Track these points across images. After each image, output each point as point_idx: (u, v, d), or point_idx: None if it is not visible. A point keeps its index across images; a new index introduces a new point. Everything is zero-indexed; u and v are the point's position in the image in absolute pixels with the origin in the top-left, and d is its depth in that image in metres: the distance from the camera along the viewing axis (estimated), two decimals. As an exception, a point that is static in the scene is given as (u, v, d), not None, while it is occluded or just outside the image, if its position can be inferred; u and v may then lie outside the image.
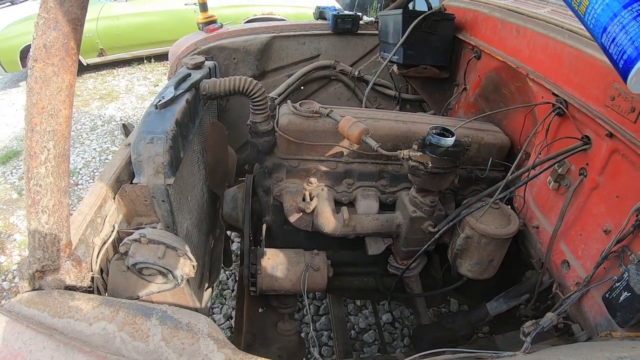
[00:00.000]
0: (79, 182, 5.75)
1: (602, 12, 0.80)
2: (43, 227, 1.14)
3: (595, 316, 1.70)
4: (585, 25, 0.88)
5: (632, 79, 0.80)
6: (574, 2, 0.88)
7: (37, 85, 1.06)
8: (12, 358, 0.92)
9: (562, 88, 1.91)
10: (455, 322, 2.32)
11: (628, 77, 0.80)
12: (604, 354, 1.19)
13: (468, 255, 2.09)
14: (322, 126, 2.21)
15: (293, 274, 2.27)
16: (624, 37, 0.78)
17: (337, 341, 2.86)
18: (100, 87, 9.06)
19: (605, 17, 0.80)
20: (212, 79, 2.21)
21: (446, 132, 1.85)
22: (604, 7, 0.79)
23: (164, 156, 1.69)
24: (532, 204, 2.19)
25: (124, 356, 0.95)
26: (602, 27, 0.82)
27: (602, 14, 0.81)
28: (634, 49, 0.77)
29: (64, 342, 0.92)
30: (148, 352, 0.97)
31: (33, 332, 0.95)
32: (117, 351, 0.95)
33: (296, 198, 2.25)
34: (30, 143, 1.10)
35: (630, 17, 0.77)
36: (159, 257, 1.52)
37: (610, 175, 1.72)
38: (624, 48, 0.78)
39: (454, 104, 3.09)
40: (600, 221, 1.75)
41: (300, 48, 3.45)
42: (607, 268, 1.65)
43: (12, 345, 0.94)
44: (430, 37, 2.88)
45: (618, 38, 0.79)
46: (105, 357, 0.89)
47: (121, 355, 0.95)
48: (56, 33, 1.04)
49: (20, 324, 0.98)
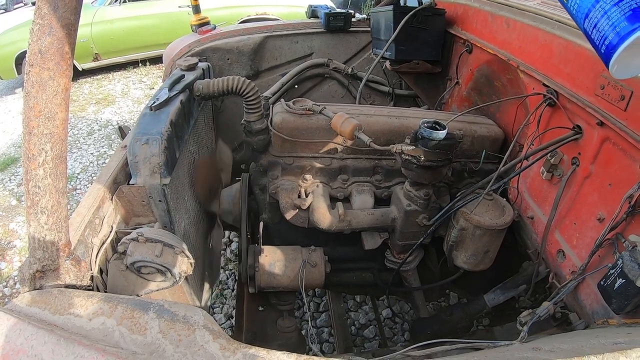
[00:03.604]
0: (77, 187, 5.76)
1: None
2: (42, 228, 1.16)
3: (591, 304, 1.71)
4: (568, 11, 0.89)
5: (614, 65, 0.81)
6: None
7: (33, 89, 1.08)
8: (14, 354, 0.94)
9: (553, 79, 1.92)
10: (454, 314, 2.34)
11: (610, 62, 0.81)
12: (599, 340, 1.21)
13: (463, 247, 2.11)
14: (316, 123, 2.23)
15: (291, 271, 2.28)
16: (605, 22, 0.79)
17: (337, 337, 2.87)
18: (96, 92, 9.06)
19: (587, 3, 0.81)
20: (206, 80, 2.22)
21: (438, 125, 1.87)
22: None
23: (159, 156, 1.71)
24: (526, 195, 2.20)
25: (123, 348, 0.97)
26: (585, 13, 0.82)
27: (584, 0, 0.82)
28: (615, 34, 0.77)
29: (64, 337, 0.94)
30: (146, 344, 0.99)
31: (34, 328, 0.97)
32: (116, 344, 0.98)
33: (292, 195, 2.26)
34: (28, 146, 1.12)
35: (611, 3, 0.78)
36: (156, 255, 1.54)
37: (602, 163, 1.73)
38: (606, 34, 0.79)
39: (447, 98, 3.11)
40: (593, 209, 1.76)
41: (293, 47, 3.46)
42: (601, 256, 1.66)
43: (14, 342, 0.96)
44: (421, 33, 2.89)
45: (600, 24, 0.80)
46: (105, 350, 0.91)
47: (120, 347, 0.97)
48: (51, 38, 1.06)
49: (21, 321, 1.00)
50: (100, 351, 0.90)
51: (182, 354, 0.97)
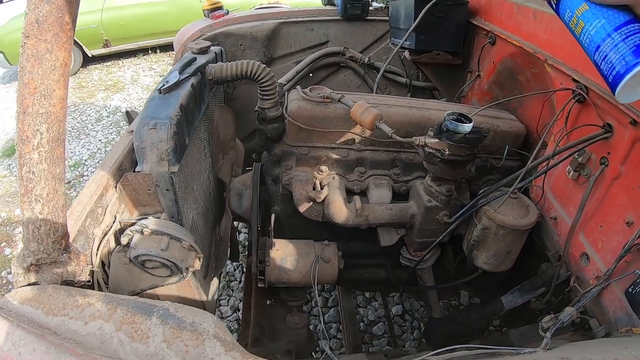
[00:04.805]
0: (84, 174, 5.71)
1: (596, 33, 0.92)
2: (37, 217, 1.07)
3: (615, 311, 1.63)
4: (580, 43, 1.00)
5: (620, 92, 0.92)
6: (571, 23, 0.99)
7: (28, 63, 0.99)
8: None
9: (583, 74, 1.83)
10: (470, 315, 2.26)
11: (616, 90, 0.92)
12: (630, 351, 1.14)
13: (485, 247, 2.02)
14: (334, 112, 2.14)
15: (303, 266, 2.21)
16: (614, 55, 0.90)
17: (346, 334, 2.81)
18: (105, 78, 9.03)
19: (598, 37, 0.92)
20: (219, 63, 2.14)
21: (463, 117, 1.78)
22: (597, 29, 0.92)
23: (167, 142, 1.61)
24: (549, 195, 2.11)
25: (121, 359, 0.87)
26: (596, 46, 0.93)
27: (595, 35, 0.93)
28: (622, 65, 0.89)
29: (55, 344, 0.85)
30: (148, 354, 0.89)
31: (23, 333, 0.88)
32: (113, 354, 0.88)
33: (306, 187, 2.18)
34: (22, 126, 1.02)
35: (619, 39, 0.89)
36: (162, 249, 1.45)
37: (633, 164, 1.63)
38: (614, 65, 0.90)
39: (467, 92, 3.01)
40: (622, 213, 1.67)
41: (308, 34, 3.37)
42: (629, 261, 1.57)
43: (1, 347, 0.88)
44: (443, 22, 2.79)
45: (609, 56, 0.91)
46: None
47: (118, 358, 0.87)
48: (49, 7, 0.97)
49: (10, 323, 0.91)
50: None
51: (189, 368, 0.87)
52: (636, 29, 0.90)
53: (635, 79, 0.89)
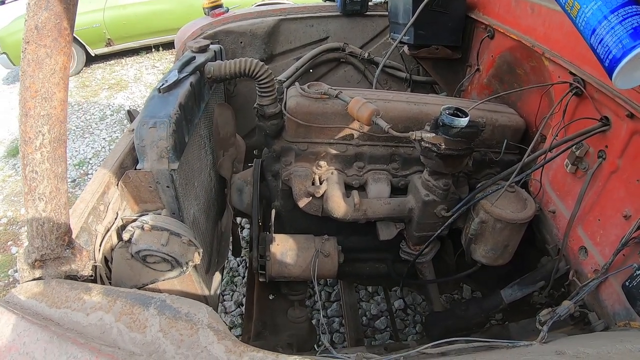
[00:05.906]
0: (88, 172, 5.75)
1: (592, 15, 0.89)
2: (40, 215, 1.11)
3: (613, 305, 1.64)
4: (576, 26, 0.97)
5: (617, 77, 0.89)
6: (567, 5, 0.97)
7: (29, 68, 1.02)
8: (6, 350, 0.89)
9: (580, 67, 1.82)
10: (469, 309, 2.26)
11: (613, 74, 0.89)
12: (624, 345, 1.15)
13: (483, 241, 2.03)
14: (331, 108, 2.15)
15: (303, 260, 2.23)
16: (610, 38, 0.87)
17: (348, 328, 2.83)
18: (108, 77, 9.06)
19: (594, 20, 0.90)
20: (217, 62, 2.16)
21: (459, 112, 1.79)
22: (593, 11, 0.89)
23: (167, 140, 1.64)
24: (548, 188, 2.12)
25: (120, 348, 0.90)
26: (592, 29, 0.91)
27: (591, 17, 0.90)
28: (619, 49, 0.86)
29: (57, 334, 0.88)
30: (145, 343, 0.93)
31: (27, 324, 0.92)
32: (113, 343, 0.91)
33: (305, 182, 2.20)
34: (24, 128, 1.06)
35: (616, 21, 0.86)
36: (162, 244, 1.48)
37: (630, 157, 1.63)
38: (610, 48, 0.88)
39: (467, 86, 3.01)
40: (619, 206, 1.67)
41: (308, 30, 3.38)
42: (626, 255, 1.58)
43: (7, 337, 0.91)
44: (441, 17, 2.79)
45: (605, 39, 0.89)
46: (100, 350, 0.85)
47: (117, 347, 0.91)
48: (48, 13, 1.00)
49: (16, 316, 0.94)
50: (95, 351, 0.84)
51: (184, 356, 0.91)
52: (634, 10, 0.86)
53: (633, 63, 0.85)
